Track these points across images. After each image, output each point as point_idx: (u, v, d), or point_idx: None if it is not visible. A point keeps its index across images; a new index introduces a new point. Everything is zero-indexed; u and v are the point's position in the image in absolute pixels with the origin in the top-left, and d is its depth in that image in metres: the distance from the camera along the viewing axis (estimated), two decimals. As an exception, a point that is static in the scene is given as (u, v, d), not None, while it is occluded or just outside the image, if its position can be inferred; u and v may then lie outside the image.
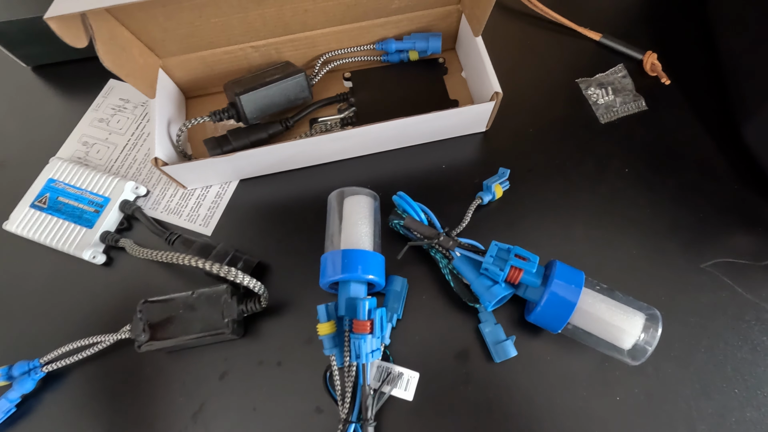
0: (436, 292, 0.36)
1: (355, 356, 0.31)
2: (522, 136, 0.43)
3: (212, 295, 0.34)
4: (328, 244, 0.35)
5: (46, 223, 0.39)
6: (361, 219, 0.35)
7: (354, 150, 0.41)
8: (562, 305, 0.31)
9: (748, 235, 0.38)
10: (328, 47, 0.43)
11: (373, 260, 0.33)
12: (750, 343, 0.35)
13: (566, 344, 0.34)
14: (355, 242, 0.34)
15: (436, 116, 0.38)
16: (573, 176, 0.41)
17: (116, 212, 0.40)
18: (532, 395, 0.33)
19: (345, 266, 0.32)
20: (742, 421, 0.32)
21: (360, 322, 0.31)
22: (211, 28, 0.37)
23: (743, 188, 0.40)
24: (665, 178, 0.40)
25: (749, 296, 0.36)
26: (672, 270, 0.37)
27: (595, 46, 0.47)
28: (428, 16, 0.42)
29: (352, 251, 0.33)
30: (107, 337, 0.34)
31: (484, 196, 0.38)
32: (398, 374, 0.34)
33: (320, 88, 0.44)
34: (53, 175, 0.41)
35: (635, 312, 0.32)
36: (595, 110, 0.43)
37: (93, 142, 0.44)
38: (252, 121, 0.40)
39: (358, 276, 0.32)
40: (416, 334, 0.35)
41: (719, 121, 0.42)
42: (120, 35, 0.34)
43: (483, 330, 0.35)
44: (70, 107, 0.45)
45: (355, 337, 0.31)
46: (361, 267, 0.33)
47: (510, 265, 0.32)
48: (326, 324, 0.32)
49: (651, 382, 0.34)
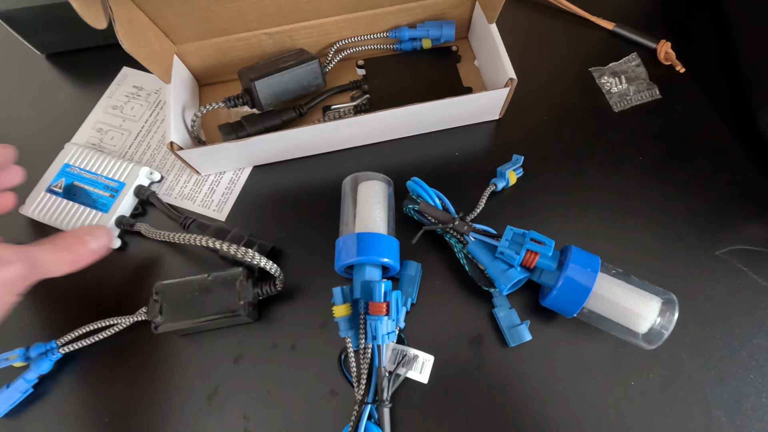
0: (450, 277, 0.36)
1: (371, 337, 0.31)
2: (535, 125, 0.43)
3: (228, 278, 0.34)
4: (343, 229, 0.35)
5: (62, 207, 0.39)
6: (376, 203, 0.35)
7: (367, 137, 0.41)
8: (578, 289, 0.31)
9: (762, 223, 0.38)
10: (341, 35, 0.43)
11: (387, 244, 0.33)
12: (765, 329, 0.34)
13: (581, 329, 0.34)
14: (370, 226, 0.34)
15: (450, 102, 0.38)
16: (587, 164, 0.41)
17: (131, 197, 0.40)
18: (547, 380, 0.33)
19: (360, 249, 0.33)
20: (759, 406, 0.32)
21: (376, 304, 0.31)
22: (226, 14, 0.37)
23: (758, 176, 0.40)
24: (679, 166, 0.40)
25: (764, 283, 0.36)
26: (687, 257, 0.37)
27: (609, 36, 0.47)
28: (442, 4, 0.42)
29: (368, 234, 0.33)
30: (123, 319, 0.34)
31: (497, 182, 0.38)
32: (414, 357, 0.34)
33: (333, 76, 0.44)
34: (68, 160, 0.41)
35: (651, 296, 0.32)
36: (608, 99, 0.43)
37: (107, 129, 0.44)
38: (266, 107, 0.40)
39: (374, 259, 0.32)
40: (430, 318, 0.35)
41: (734, 110, 0.42)
42: (137, 19, 0.35)
43: (497, 314, 0.35)
44: (84, 94, 0.46)
45: (372, 319, 0.31)
46: (376, 250, 0.33)
47: (526, 249, 0.32)
48: (342, 306, 0.32)
49: (666, 368, 0.33)
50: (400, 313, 0.33)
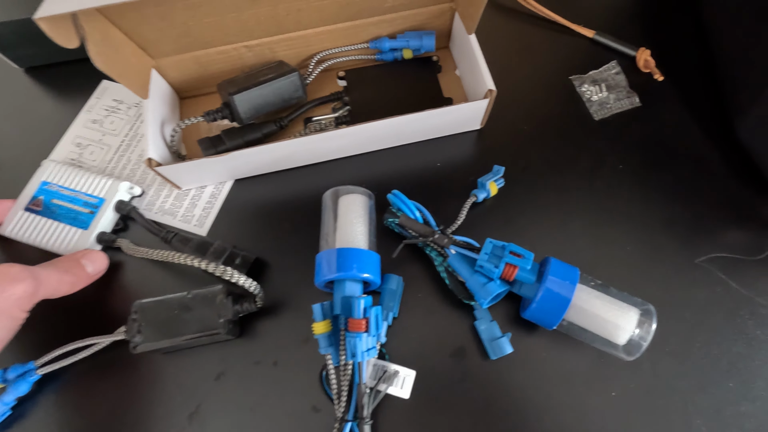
0: (431, 290, 0.36)
1: (351, 355, 0.31)
2: (516, 134, 0.43)
3: (207, 295, 0.34)
4: (323, 244, 0.35)
5: (41, 225, 0.39)
6: (356, 218, 0.35)
7: (348, 149, 0.41)
8: (557, 301, 0.31)
9: (742, 230, 0.38)
10: (322, 46, 0.43)
11: (368, 259, 0.33)
12: (745, 337, 0.35)
13: (562, 341, 0.35)
14: (351, 241, 0.34)
15: (430, 114, 0.38)
16: (567, 173, 0.41)
17: (112, 213, 0.40)
18: (529, 392, 0.33)
19: (340, 265, 0.32)
20: (738, 414, 0.32)
21: (355, 321, 0.31)
22: (204, 28, 0.37)
23: (737, 183, 0.40)
24: (659, 174, 0.41)
25: (744, 291, 0.36)
26: (667, 265, 0.37)
27: (589, 43, 0.47)
28: (422, 15, 0.42)
29: (348, 250, 0.33)
30: (102, 338, 0.34)
31: (478, 193, 0.38)
32: (394, 372, 0.34)
33: (314, 88, 0.44)
34: (47, 177, 0.40)
35: (630, 307, 0.32)
36: (588, 107, 0.44)
37: (87, 144, 0.44)
38: (246, 120, 0.40)
39: (354, 275, 0.32)
40: (412, 332, 0.35)
41: (713, 117, 0.43)
42: (112, 36, 0.34)
43: (478, 327, 0.35)
44: (63, 109, 0.45)
45: (351, 336, 0.31)
46: (356, 265, 0.32)
47: (505, 262, 0.32)
48: (321, 323, 0.32)
49: (647, 377, 0.34)
50: (380, 329, 0.33)
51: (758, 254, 0.37)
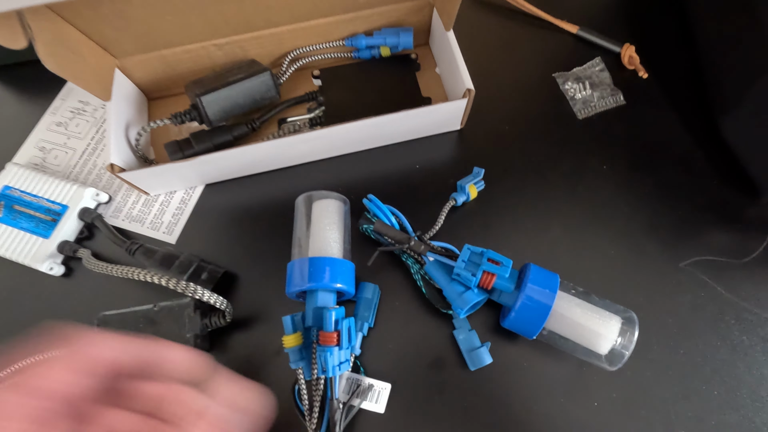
0: (409, 299, 0.35)
1: (322, 370, 0.30)
2: (498, 134, 0.41)
3: (175, 308, 0.32)
4: (295, 252, 0.34)
5: (0, 232, 0.37)
6: (330, 224, 0.34)
7: (324, 151, 0.40)
8: (537, 310, 0.30)
9: (727, 233, 0.37)
10: (295, 44, 0.41)
11: (341, 268, 0.32)
12: (729, 343, 0.34)
13: (543, 350, 0.33)
14: (324, 249, 0.32)
15: (407, 115, 0.36)
16: (550, 175, 0.40)
17: (75, 221, 0.38)
18: (509, 403, 0.32)
19: (312, 275, 0.31)
20: (722, 423, 0.32)
21: (326, 334, 0.29)
22: (167, 26, 0.35)
23: (722, 185, 0.39)
24: (643, 175, 0.39)
25: (729, 295, 0.35)
26: (650, 270, 0.36)
27: (573, 39, 0.46)
28: (399, 11, 0.40)
29: (320, 259, 0.32)
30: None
31: (458, 197, 0.37)
32: (368, 386, 0.32)
33: (289, 87, 0.42)
34: (9, 181, 0.39)
35: (611, 316, 0.31)
36: (572, 105, 0.42)
37: (51, 148, 0.42)
38: (215, 123, 0.38)
39: (326, 285, 0.31)
40: (389, 342, 0.34)
41: (697, 116, 0.41)
42: (68, 35, 0.32)
43: (457, 337, 0.33)
44: (26, 111, 0.43)
45: (322, 350, 0.29)
46: (329, 275, 0.31)
47: (482, 270, 0.31)
48: (292, 336, 0.31)
49: (629, 386, 0.33)
50: (353, 341, 0.31)
51: (744, 257, 0.36)
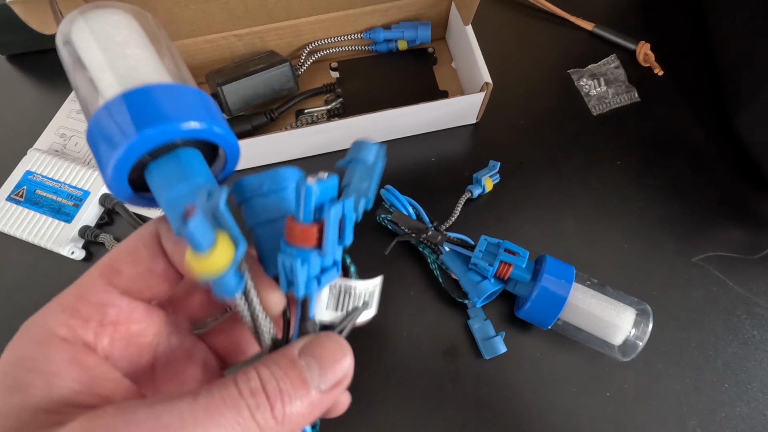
0: (424, 288, 0.36)
1: (287, 283, 0.16)
2: (513, 128, 0.42)
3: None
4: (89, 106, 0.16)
5: (23, 216, 0.38)
6: (129, 41, 0.17)
7: (341, 142, 0.40)
8: (552, 301, 0.31)
9: (739, 229, 0.38)
10: (314, 36, 0.41)
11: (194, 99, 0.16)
12: (741, 337, 0.34)
13: (556, 340, 0.34)
14: (138, 76, 0.16)
15: (424, 107, 0.37)
16: (564, 169, 0.40)
17: (96, 206, 0.38)
18: (522, 392, 0.33)
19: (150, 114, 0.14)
20: (732, 416, 0.32)
21: (300, 228, 0.16)
22: (190, 15, 0.36)
23: (735, 181, 0.39)
24: (657, 170, 0.40)
25: (740, 290, 0.35)
26: (663, 264, 0.36)
27: (588, 36, 0.46)
28: (417, 5, 0.41)
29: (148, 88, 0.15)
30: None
31: (473, 189, 0.37)
32: (363, 303, 0.19)
33: (307, 79, 0.43)
34: (31, 167, 0.39)
35: (626, 307, 0.31)
36: (587, 102, 0.43)
37: (71, 134, 0.42)
38: (235, 112, 0.39)
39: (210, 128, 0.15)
40: (404, 330, 0.35)
41: (712, 113, 0.42)
42: (94, 22, 0.33)
43: (472, 326, 0.34)
44: (47, 98, 0.44)
45: (290, 253, 0.16)
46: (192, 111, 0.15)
47: (499, 260, 0.31)
48: (218, 249, 0.14)
49: (641, 377, 0.33)
50: (347, 237, 0.17)
51: (756, 253, 0.36)
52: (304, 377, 0.15)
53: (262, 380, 0.14)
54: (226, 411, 0.13)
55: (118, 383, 0.15)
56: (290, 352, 0.15)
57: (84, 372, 0.15)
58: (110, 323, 0.16)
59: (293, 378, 0.14)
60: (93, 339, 0.16)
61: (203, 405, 0.13)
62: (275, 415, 0.14)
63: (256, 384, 0.14)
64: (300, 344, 0.16)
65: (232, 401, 0.13)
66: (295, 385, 0.14)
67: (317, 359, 0.15)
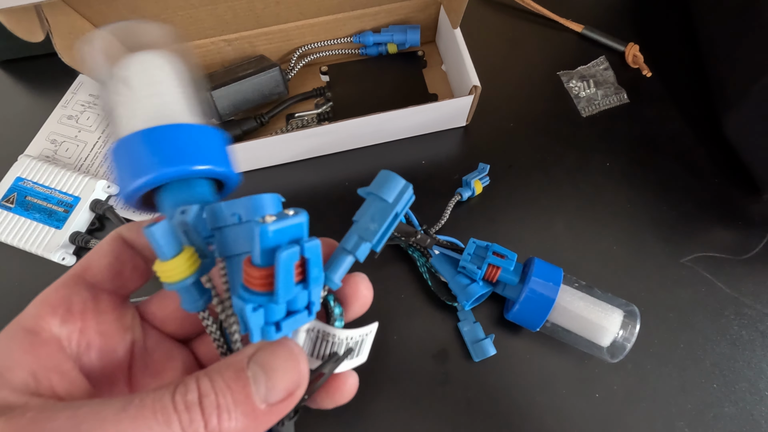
0: (414, 291, 0.36)
1: (244, 326, 0.15)
2: (503, 131, 0.42)
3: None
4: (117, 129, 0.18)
5: (14, 223, 0.38)
6: (163, 84, 0.18)
7: (331, 146, 0.40)
8: (540, 303, 0.31)
9: (728, 229, 0.38)
10: (303, 40, 0.42)
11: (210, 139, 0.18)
12: (729, 338, 0.34)
13: (546, 342, 0.34)
14: (166, 115, 0.18)
15: (414, 111, 0.37)
16: (554, 171, 0.40)
17: (87, 212, 0.39)
18: (512, 394, 0.33)
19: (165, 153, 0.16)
20: (721, 416, 0.32)
21: (252, 272, 0.15)
22: (178, 21, 0.36)
23: (724, 182, 0.39)
24: (646, 172, 0.40)
25: (729, 291, 0.36)
26: (652, 265, 0.37)
27: (577, 38, 0.46)
28: (406, 8, 0.41)
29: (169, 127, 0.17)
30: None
31: (463, 192, 0.38)
32: (348, 349, 0.18)
33: (297, 83, 0.43)
34: (22, 173, 0.39)
35: (614, 309, 0.31)
36: (576, 103, 0.43)
37: (62, 140, 0.42)
38: (225, 117, 0.39)
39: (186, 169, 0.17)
40: (394, 333, 0.35)
41: (700, 114, 0.42)
42: (82, 28, 0.33)
43: (462, 329, 0.34)
44: (37, 104, 0.44)
45: (241, 296, 0.15)
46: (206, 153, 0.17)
47: (488, 263, 0.31)
48: (176, 260, 0.15)
49: (630, 378, 0.33)
50: (315, 279, 0.16)
51: (744, 254, 0.36)
52: (248, 391, 0.14)
53: (200, 393, 0.13)
54: (155, 425, 0.12)
55: (65, 375, 0.15)
56: (238, 362, 0.14)
57: (35, 362, 0.15)
58: (78, 313, 0.16)
59: (235, 391, 0.13)
60: (58, 329, 0.16)
61: (131, 414, 0.12)
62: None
63: (194, 397, 0.13)
64: (250, 351, 0.15)
65: (164, 414, 0.12)
66: (237, 400, 0.13)
67: (266, 370, 0.14)
